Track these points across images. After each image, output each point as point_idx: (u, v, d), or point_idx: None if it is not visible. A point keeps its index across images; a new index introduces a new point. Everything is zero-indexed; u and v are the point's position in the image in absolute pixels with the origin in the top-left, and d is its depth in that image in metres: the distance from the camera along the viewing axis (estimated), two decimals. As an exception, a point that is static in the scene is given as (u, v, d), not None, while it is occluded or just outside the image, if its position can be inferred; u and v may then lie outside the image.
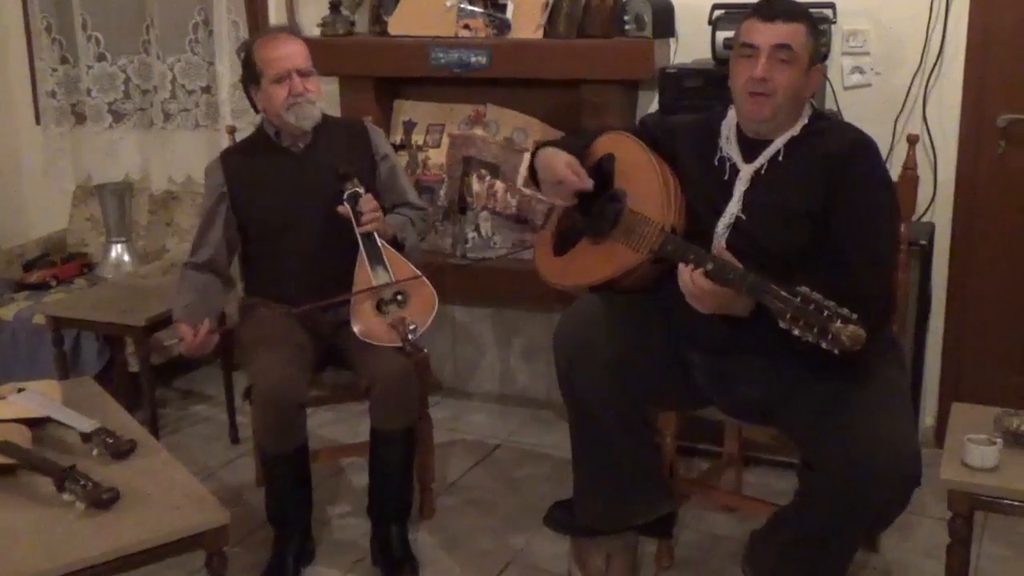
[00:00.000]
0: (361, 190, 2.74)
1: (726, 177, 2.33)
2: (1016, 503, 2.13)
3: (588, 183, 2.43)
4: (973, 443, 2.16)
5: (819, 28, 2.32)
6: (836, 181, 2.22)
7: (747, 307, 2.15)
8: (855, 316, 1.90)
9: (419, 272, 2.75)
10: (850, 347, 1.89)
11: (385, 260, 2.72)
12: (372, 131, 3.03)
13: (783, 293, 1.98)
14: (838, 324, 1.89)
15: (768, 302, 2.01)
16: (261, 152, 2.89)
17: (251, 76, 2.83)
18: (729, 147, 2.35)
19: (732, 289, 2.10)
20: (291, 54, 2.78)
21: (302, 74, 2.78)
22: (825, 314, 1.91)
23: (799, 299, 1.94)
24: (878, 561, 2.77)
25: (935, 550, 2.58)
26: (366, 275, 2.70)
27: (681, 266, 2.18)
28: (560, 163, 2.43)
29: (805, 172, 2.25)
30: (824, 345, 1.91)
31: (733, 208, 2.30)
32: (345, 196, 2.73)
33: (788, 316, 1.95)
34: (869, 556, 2.77)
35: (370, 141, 2.98)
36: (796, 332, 1.94)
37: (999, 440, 2.18)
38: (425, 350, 2.92)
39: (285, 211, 2.83)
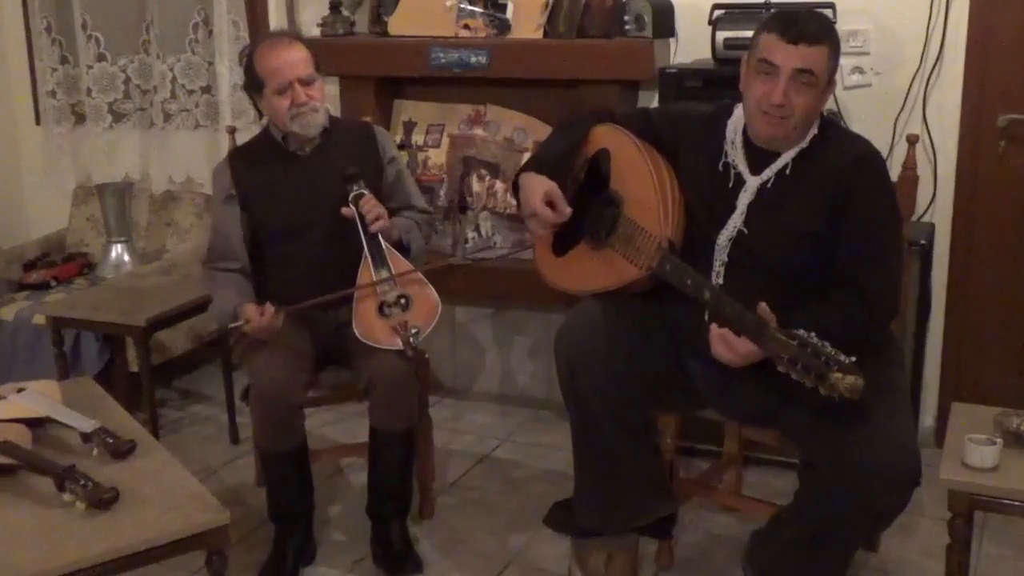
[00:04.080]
0: (366, 192, 2.73)
1: (730, 185, 2.29)
2: (1016, 503, 2.13)
3: (565, 215, 2.40)
4: (973, 443, 2.16)
5: (839, 43, 2.21)
6: (843, 198, 2.19)
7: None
8: (853, 361, 1.88)
9: (423, 277, 2.74)
10: (848, 397, 1.87)
11: (389, 263, 2.71)
12: (380, 134, 3.02)
13: (780, 336, 1.95)
14: (836, 373, 1.87)
15: (764, 344, 1.99)
16: (268, 156, 2.87)
17: (253, 84, 2.80)
18: (735, 153, 2.30)
19: (729, 326, 2.07)
20: (292, 63, 2.74)
21: (304, 82, 2.74)
22: (823, 359, 1.88)
23: (796, 343, 1.92)
24: (878, 561, 2.77)
25: (935, 550, 2.57)
26: (369, 276, 2.70)
27: (715, 329, 2.10)
28: (538, 195, 2.40)
29: (812, 189, 2.22)
30: (822, 391, 1.89)
31: (736, 221, 2.26)
32: (350, 197, 2.72)
33: (785, 360, 1.93)
34: (869, 556, 2.77)
35: (377, 144, 2.96)
36: (793, 376, 1.93)
37: (999, 440, 2.18)
38: (427, 354, 2.93)
39: (293, 215, 2.81)
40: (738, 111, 2.33)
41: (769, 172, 2.26)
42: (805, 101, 2.17)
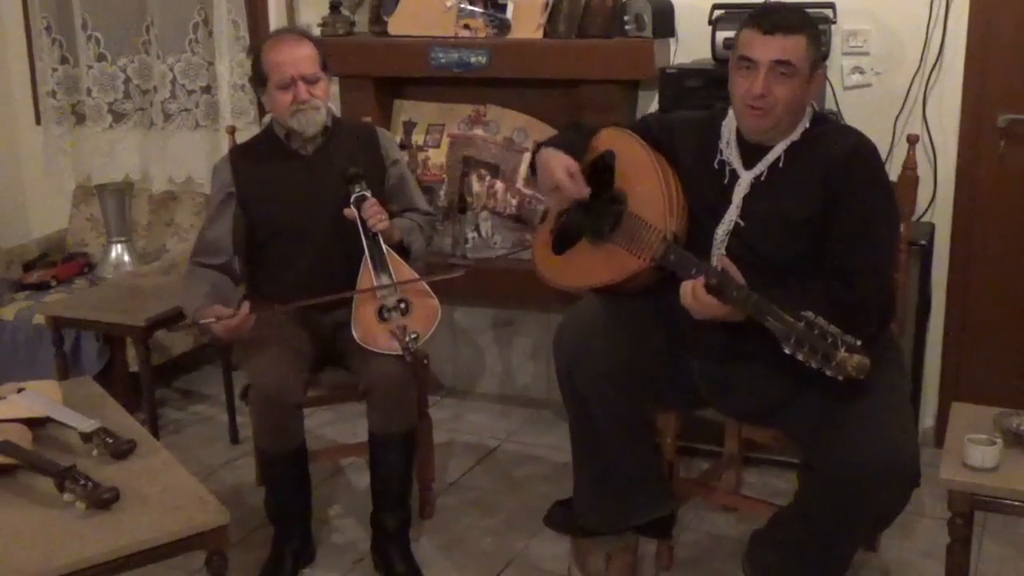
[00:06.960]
0: (368, 193, 2.72)
1: (725, 181, 2.32)
2: (1016, 503, 2.13)
3: (585, 192, 2.40)
4: (973, 443, 2.16)
5: (820, 34, 2.27)
6: (836, 186, 2.20)
7: (743, 315, 2.11)
8: (859, 343, 1.89)
9: (425, 284, 2.73)
10: (855, 376, 1.88)
11: (389, 266, 2.70)
12: (383, 136, 3.01)
13: (787, 317, 1.96)
14: (843, 353, 1.88)
15: (771, 325, 1.99)
16: (270, 153, 2.86)
17: (258, 78, 2.81)
18: (729, 151, 2.33)
19: (733, 306, 2.08)
20: (297, 59, 2.73)
21: (308, 80, 2.74)
22: (829, 340, 1.90)
23: (803, 324, 1.93)
24: (878, 561, 2.77)
25: (935, 550, 2.58)
26: (369, 279, 2.69)
27: (685, 280, 2.16)
28: (559, 168, 2.39)
29: (805, 178, 2.24)
30: (828, 372, 1.91)
31: (732, 215, 2.29)
32: (352, 199, 2.70)
33: (792, 340, 1.94)
34: (869, 556, 2.77)
35: (380, 146, 2.96)
36: (800, 357, 1.93)
37: (999, 440, 2.18)
38: (427, 360, 2.92)
39: (293, 214, 2.81)
40: (732, 112, 2.35)
41: (762, 166, 2.29)
42: (786, 91, 2.20)
